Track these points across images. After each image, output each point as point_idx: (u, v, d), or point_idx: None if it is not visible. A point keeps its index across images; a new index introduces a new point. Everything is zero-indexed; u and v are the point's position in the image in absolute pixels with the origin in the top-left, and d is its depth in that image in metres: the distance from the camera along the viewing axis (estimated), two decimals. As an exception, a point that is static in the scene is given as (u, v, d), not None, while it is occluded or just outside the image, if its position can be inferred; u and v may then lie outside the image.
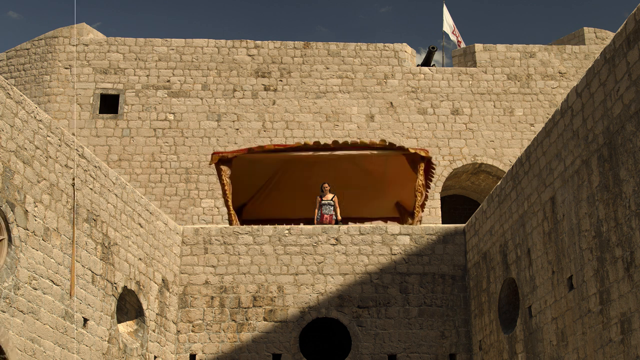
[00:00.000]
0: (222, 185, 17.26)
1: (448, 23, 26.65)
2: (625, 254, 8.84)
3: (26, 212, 10.28)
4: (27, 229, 10.27)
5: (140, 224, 14.07)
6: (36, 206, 10.55)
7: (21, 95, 10.48)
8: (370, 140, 20.37)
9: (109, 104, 24.13)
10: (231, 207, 17.08)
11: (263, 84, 24.31)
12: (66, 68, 23.97)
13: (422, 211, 17.81)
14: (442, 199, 25.16)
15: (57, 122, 11.63)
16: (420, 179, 17.16)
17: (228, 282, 15.70)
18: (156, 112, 23.73)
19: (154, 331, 14.14)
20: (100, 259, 12.38)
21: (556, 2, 54.03)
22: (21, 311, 9.94)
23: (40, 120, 10.88)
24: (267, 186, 19.37)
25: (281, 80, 24.33)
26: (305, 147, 18.04)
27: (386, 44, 24.95)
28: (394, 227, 16.52)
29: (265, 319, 15.40)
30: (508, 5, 54.63)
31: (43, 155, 10.87)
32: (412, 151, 17.57)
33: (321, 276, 15.76)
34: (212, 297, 15.54)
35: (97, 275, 12.24)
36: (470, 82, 24.44)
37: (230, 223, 16.78)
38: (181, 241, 15.96)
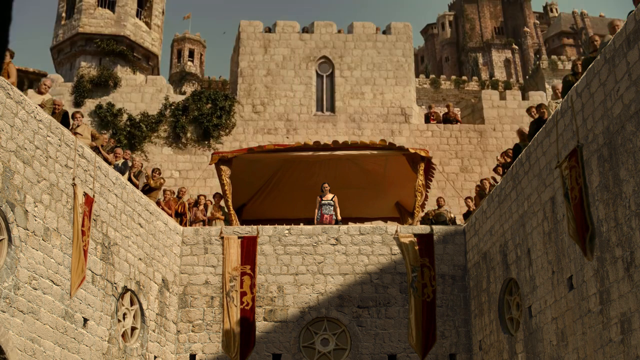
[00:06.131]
0: (222, 185, 17.24)
1: None
2: (625, 254, 8.84)
3: (26, 212, 10.28)
4: (27, 229, 10.26)
5: (140, 224, 14.07)
6: (36, 206, 10.54)
7: (21, 95, 10.47)
8: (370, 140, 20.38)
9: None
10: (231, 207, 17.07)
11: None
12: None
13: (422, 211, 17.81)
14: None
15: (57, 122, 11.62)
16: (420, 179, 17.15)
17: (228, 282, 15.67)
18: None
19: (154, 331, 14.13)
20: (100, 259, 12.37)
21: None
22: (21, 311, 9.93)
23: (40, 120, 10.87)
24: (267, 186, 19.36)
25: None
26: (305, 147, 18.03)
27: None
28: (393, 227, 16.51)
29: (265, 319, 15.39)
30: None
31: (43, 155, 10.86)
32: (412, 151, 17.56)
33: (321, 276, 15.75)
34: (212, 297, 15.53)
35: (97, 275, 12.23)
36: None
37: (230, 223, 16.77)
38: (181, 241, 15.95)
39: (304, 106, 25.60)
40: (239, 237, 15.94)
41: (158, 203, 15.82)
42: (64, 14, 28.68)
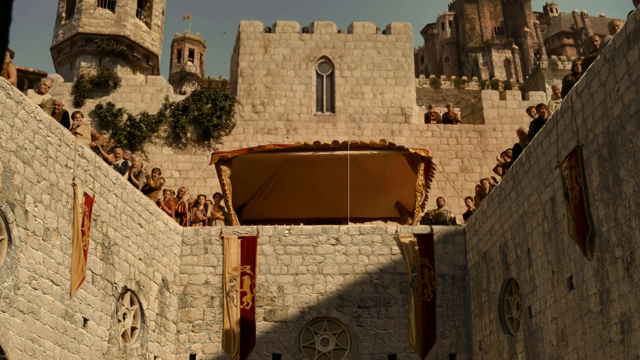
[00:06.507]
0: (222, 185, 17.24)
1: None
2: (625, 254, 8.84)
3: (26, 212, 10.28)
4: (27, 229, 10.26)
5: (140, 224, 14.06)
6: (36, 206, 10.54)
7: (21, 95, 10.47)
8: (370, 140, 20.38)
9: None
10: (231, 207, 17.07)
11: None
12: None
13: (422, 211, 17.80)
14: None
15: (57, 122, 11.62)
16: (420, 179, 17.15)
17: (228, 282, 15.65)
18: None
19: (154, 331, 14.13)
20: (100, 259, 12.37)
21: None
22: (21, 311, 9.93)
23: (40, 120, 10.87)
24: (267, 186, 19.36)
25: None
26: (305, 147, 18.02)
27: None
28: (393, 227, 16.51)
29: (265, 319, 15.39)
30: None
31: (43, 155, 10.86)
32: (412, 151, 17.55)
33: (321, 276, 15.75)
34: (212, 297, 15.53)
35: (97, 275, 12.23)
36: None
37: (230, 223, 16.76)
38: (181, 241, 15.95)
39: (304, 106, 25.60)
40: (239, 237, 15.94)
41: (158, 203, 15.82)
42: (64, 14, 28.68)
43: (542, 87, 50.65)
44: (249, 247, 15.79)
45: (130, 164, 15.34)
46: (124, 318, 13.27)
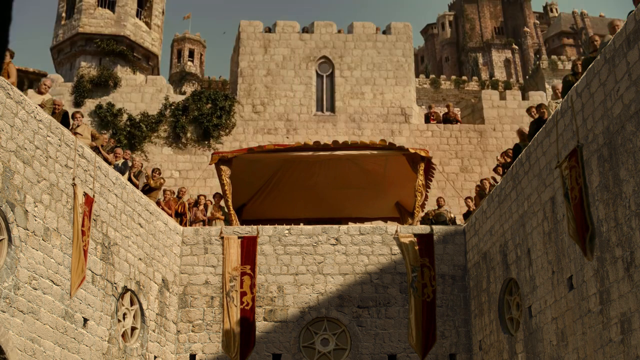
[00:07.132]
0: (222, 185, 17.24)
1: None
2: (625, 254, 8.84)
3: (26, 212, 10.28)
4: (27, 229, 10.26)
5: (140, 224, 14.06)
6: (36, 206, 10.54)
7: (21, 95, 10.47)
8: (370, 140, 20.38)
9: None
10: (231, 207, 17.07)
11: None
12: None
13: (422, 211, 17.80)
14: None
15: (57, 122, 11.62)
16: (420, 179, 17.14)
17: (228, 282, 15.65)
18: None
19: (154, 331, 14.13)
20: (100, 259, 12.37)
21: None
22: (21, 311, 9.93)
23: (40, 120, 10.87)
24: (267, 186, 19.36)
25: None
26: (305, 147, 18.02)
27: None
28: (393, 227, 16.51)
29: (265, 319, 15.39)
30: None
31: (43, 155, 10.86)
32: (412, 151, 17.55)
33: (321, 276, 15.75)
34: (212, 297, 15.53)
35: (97, 275, 12.23)
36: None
37: (230, 223, 16.76)
38: (181, 241, 15.95)
39: (304, 106, 25.60)
40: (239, 237, 15.94)
41: (158, 203, 15.82)
42: (64, 14, 28.68)
43: (542, 87, 50.65)
44: (249, 247, 15.80)
45: (130, 164, 15.34)
46: (124, 318, 13.28)
